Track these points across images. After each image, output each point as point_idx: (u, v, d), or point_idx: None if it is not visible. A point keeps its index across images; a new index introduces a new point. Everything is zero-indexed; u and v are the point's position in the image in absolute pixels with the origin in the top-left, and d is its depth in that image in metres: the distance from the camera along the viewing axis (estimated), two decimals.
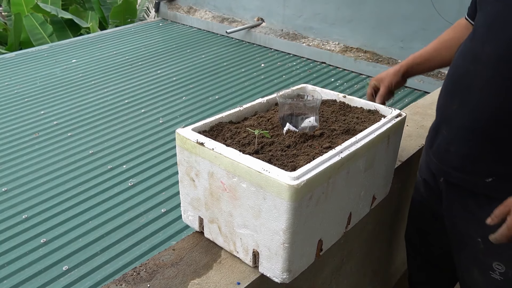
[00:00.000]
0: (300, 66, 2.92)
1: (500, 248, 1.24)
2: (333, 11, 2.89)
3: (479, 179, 1.24)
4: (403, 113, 1.27)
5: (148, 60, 3.02)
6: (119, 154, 1.97)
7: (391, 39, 2.61)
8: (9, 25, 5.35)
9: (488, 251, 1.29)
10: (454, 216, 1.38)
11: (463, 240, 1.37)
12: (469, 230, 1.32)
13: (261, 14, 3.35)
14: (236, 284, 1.05)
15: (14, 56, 3.11)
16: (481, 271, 1.34)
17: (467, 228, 1.33)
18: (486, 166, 1.23)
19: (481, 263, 1.32)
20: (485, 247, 1.29)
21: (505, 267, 1.28)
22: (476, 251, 1.32)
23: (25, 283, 1.33)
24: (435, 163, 1.39)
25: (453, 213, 1.38)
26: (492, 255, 1.29)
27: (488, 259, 1.30)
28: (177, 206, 1.64)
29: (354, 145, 1.07)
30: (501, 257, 1.27)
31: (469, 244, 1.34)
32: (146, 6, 6.09)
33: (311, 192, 0.95)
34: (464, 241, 1.36)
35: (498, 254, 1.28)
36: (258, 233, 1.00)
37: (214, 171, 1.03)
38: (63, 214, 1.60)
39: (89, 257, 1.42)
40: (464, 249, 1.38)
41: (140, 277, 1.07)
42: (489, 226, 1.20)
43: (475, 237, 1.31)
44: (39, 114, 2.31)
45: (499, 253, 1.27)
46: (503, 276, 1.29)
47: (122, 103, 2.42)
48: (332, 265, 1.45)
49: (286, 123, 1.17)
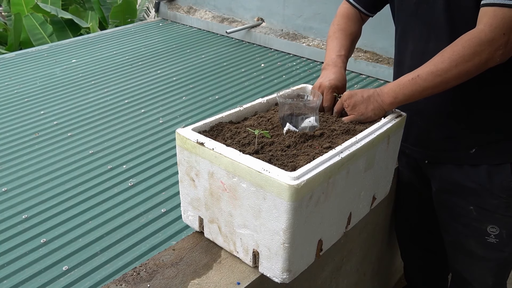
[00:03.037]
0: (300, 66, 2.93)
1: (491, 211, 1.35)
2: (333, 11, 2.88)
3: (463, 152, 1.35)
4: (403, 113, 1.28)
5: (148, 60, 3.02)
6: (119, 154, 1.97)
7: (391, 39, 2.60)
8: (9, 25, 5.35)
9: (480, 216, 1.37)
10: (443, 193, 1.46)
11: (455, 214, 1.44)
12: (460, 202, 1.40)
13: (261, 14, 3.35)
14: (236, 284, 1.05)
15: (14, 56, 3.11)
16: (477, 240, 1.41)
17: (457, 200, 1.41)
18: (468, 139, 1.33)
19: (476, 230, 1.40)
20: (477, 213, 1.37)
21: (498, 228, 1.36)
22: (470, 220, 1.40)
23: (25, 283, 1.33)
24: (417, 151, 1.48)
25: (442, 190, 1.46)
26: (485, 219, 1.37)
27: (482, 224, 1.38)
28: (177, 206, 1.64)
29: (354, 145, 1.07)
30: (494, 219, 1.36)
31: (462, 215, 1.41)
32: (146, 6, 6.09)
33: (311, 192, 0.95)
34: (456, 214, 1.43)
35: (491, 217, 1.36)
36: (258, 233, 1.00)
37: (214, 171, 1.03)
38: (63, 214, 1.60)
39: (89, 257, 1.42)
40: (457, 222, 1.45)
41: (140, 277, 1.07)
42: (479, 193, 1.33)
43: (467, 207, 1.39)
44: (39, 114, 2.31)
45: (491, 216, 1.36)
46: (498, 238, 1.37)
47: (122, 103, 2.42)
48: (332, 265, 1.45)
49: (286, 123, 1.17)
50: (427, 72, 1.13)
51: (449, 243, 1.52)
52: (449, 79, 1.11)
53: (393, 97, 1.18)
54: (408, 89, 1.16)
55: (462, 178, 1.37)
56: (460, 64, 1.08)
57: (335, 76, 1.31)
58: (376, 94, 1.20)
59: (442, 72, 1.10)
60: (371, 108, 1.20)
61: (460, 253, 1.49)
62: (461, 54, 1.08)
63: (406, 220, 1.79)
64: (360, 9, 1.48)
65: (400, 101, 1.19)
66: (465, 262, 1.49)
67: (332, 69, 1.33)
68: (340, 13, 1.49)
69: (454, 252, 1.52)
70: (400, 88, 1.17)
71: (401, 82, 1.17)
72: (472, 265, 1.48)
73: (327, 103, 1.29)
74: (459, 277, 1.56)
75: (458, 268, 1.54)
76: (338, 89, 1.30)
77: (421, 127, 1.40)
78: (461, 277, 1.54)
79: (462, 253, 1.48)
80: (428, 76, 1.12)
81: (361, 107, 1.20)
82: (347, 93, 1.23)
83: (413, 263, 1.90)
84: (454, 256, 1.53)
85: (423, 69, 1.14)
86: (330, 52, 1.40)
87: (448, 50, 1.11)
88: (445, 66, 1.10)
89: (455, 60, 1.09)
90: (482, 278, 1.47)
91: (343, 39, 1.42)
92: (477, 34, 1.07)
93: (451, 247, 1.52)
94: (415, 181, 1.60)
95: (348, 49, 1.42)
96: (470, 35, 1.08)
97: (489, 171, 1.31)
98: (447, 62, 1.10)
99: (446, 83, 1.13)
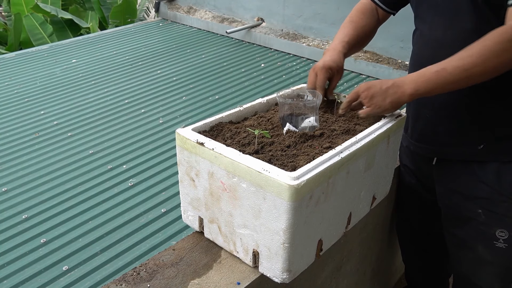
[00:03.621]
0: (300, 66, 2.93)
1: (500, 214, 1.29)
2: (333, 11, 2.90)
3: (472, 148, 1.30)
4: (403, 113, 1.27)
5: (148, 60, 3.02)
6: (119, 154, 1.97)
7: (391, 39, 2.61)
8: (9, 25, 5.34)
9: (489, 220, 1.32)
10: (449, 195, 1.41)
11: (462, 218, 1.39)
12: (467, 205, 1.36)
13: (261, 14, 3.35)
14: (236, 284, 1.05)
15: (14, 56, 3.11)
16: (485, 245, 1.36)
17: (465, 203, 1.36)
18: (476, 134, 1.29)
19: (484, 235, 1.35)
20: (486, 217, 1.32)
21: (508, 232, 1.31)
22: (478, 224, 1.35)
23: (25, 283, 1.33)
24: (423, 147, 1.43)
25: (448, 192, 1.42)
26: (494, 223, 1.32)
27: (491, 228, 1.33)
28: (177, 206, 1.64)
29: (354, 145, 1.07)
30: (503, 222, 1.31)
31: (469, 218, 1.36)
32: (146, 6, 6.09)
33: (311, 192, 0.95)
34: (463, 217, 1.39)
35: (500, 221, 1.31)
36: (258, 233, 1.00)
37: (214, 171, 1.03)
38: (63, 214, 1.60)
39: (89, 257, 1.42)
40: (464, 226, 1.40)
41: (140, 277, 1.07)
42: (487, 194, 1.29)
43: (475, 210, 1.34)
44: (39, 114, 2.31)
45: (500, 219, 1.31)
46: (507, 243, 1.32)
47: (122, 103, 2.42)
48: (332, 265, 1.45)
49: (286, 123, 1.17)
50: (453, 66, 1.08)
51: (454, 246, 1.47)
52: (475, 74, 1.08)
53: (415, 88, 1.13)
54: (432, 82, 1.11)
55: (469, 178, 1.32)
56: (489, 60, 1.05)
57: (330, 58, 1.27)
58: (396, 86, 1.15)
59: (469, 66, 1.07)
60: (389, 101, 1.15)
61: (465, 257, 1.44)
62: (491, 49, 1.05)
63: (407, 220, 1.78)
64: (379, 5, 1.43)
65: (421, 94, 1.14)
66: (471, 266, 1.44)
67: (330, 52, 1.30)
68: (356, 7, 1.45)
69: (460, 256, 1.46)
70: (423, 81, 1.12)
71: (425, 74, 1.12)
72: (478, 269, 1.42)
73: (320, 82, 1.25)
74: (463, 281, 1.51)
75: (463, 272, 1.48)
76: (332, 70, 1.26)
77: (429, 120, 1.35)
78: (466, 281, 1.48)
79: (469, 257, 1.43)
80: (454, 70, 1.08)
81: (379, 99, 1.15)
82: (364, 85, 1.18)
83: (413, 263, 1.89)
84: (459, 260, 1.48)
85: (449, 62, 1.10)
86: (334, 40, 1.37)
87: (477, 44, 1.07)
88: (473, 60, 1.06)
89: (484, 54, 1.05)
90: (488, 284, 1.42)
91: (350, 29, 1.38)
92: (508, 31, 1.04)
93: (456, 250, 1.47)
94: (417, 182, 1.57)
95: (353, 38, 1.37)
96: (501, 31, 1.05)
97: (498, 170, 1.27)
98: (475, 57, 1.06)
99: (471, 78, 1.09)
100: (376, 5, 1.44)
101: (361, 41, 1.43)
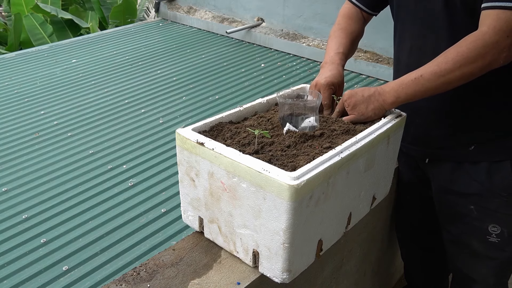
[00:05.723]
0: (300, 66, 2.92)
1: (492, 210, 1.35)
2: (333, 11, 2.89)
3: (463, 150, 1.35)
4: (403, 113, 1.28)
5: (148, 60, 3.02)
6: (119, 154, 1.97)
7: (391, 39, 2.60)
8: (9, 25, 5.35)
9: (481, 215, 1.37)
10: (444, 192, 1.46)
11: (456, 214, 1.44)
12: (460, 201, 1.40)
13: (261, 14, 3.35)
14: (236, 284, 1.05)
15: (14, 56, 3.11)
16: (479, 240, 1.41)
17: (458, 199, 1.41)
18: (467, 136, 1.34)
19: (478, 230, 1.40)
20: (478, 213, 1.38)
21: (500, 227, 1.36)
22: (471, 220, 1.40)
23: (25, 283, 1.33)
24: (416, 149, 1.48)
25: (442, 190, 1.46)
26: (486, 218, 1.37)
27: (483, 223, 1.38)
28: (177, 206, 1.64)
29: (354, 145, 1.07)
30: (495, 218, 1.36)
31: (463, 214, 1.41)
32: (146, 6, 6.09)
33: (311, 192, 0.95)
34: (457, 214, 1.43)
35: (491, 216, 1.36)
36: (258, 233, 1.00)
37: (214, 171, 1.03)
38: (63, 214, 1.60)
39: (89, 257, 1.42)
40: (458, 222, 1.44)
41: (140, 277, 1.07)
42: (479, 191, 1.33)
43: (467, 206, 1.39)
44: (39, 114, 2.31)
45: (492, 215, 1.36)
46: (499, 237, 1.38)
47: (122, 103, 2.42)
48: (332, 265, 1.45)
49: (286, 123, 1.17)
50: (430, 72, 1.12)
51: (450, 242, 1.51)
52: (452, 80, 1.11)
53: (395, 96, 1.18)
54: (411, 89, 1.15)
55: (462, 176, 1.37)
56: (464, 66, 1.08)
57: (331, 73, 1.30)
58: (377, 93, 1.20)
59: (446, 72, 1.10)
60: (371, 108, 1.20)
61: (461, 253, 1.49)
62: (465, 55, 1.08)
63: (406, 220, 1.79)
64: (362, 8, 1.48)
65: (402, 101, 1.18)
66: (466, 261, 1.49)
67: (329, 66, 1.33)
68: (341, 13, 1.50)
69: (455, 251, 1.51)
70: (403, 88, 1.16)
71: (403, 82, 1.17)
72: (473, 264, 1.48)
73: (325, 101, 1.29)
74: (460, 276, 1.56)
75: (459, 267, 1.53)
76: (334, 86, 1.29)
77: (419, 126, 1.40)
78: (462, 276, 1.53)
79: (463, 252, 1.48)
80: (431, 77, 1.12)
81: (362, 107, 1.20)
82: (347, 93, 1.22)
83: (413, 263, 1.90)
84: (455, 255, 1.53)
85: (426, 69, 1.13)
86: (329, 50, 1.40)
87: (452, 51, 1.10)
88: (448, 67, 1.09)
89: (459, 61, 1.08)
90: (483, 277, 1.47)
91: (342, 38, 1.41)
92: (481, 36, 1.06)
93: (452, 246, 1.52)
94: (415, 181, 1.60)
95: (347, 47, 1.41)
96: (475, 37, 1.07)
97: (489, 169, 1.31)
98: (451, 63, 1.09)
99: (448, 84, 1.12)
100: (360, 9, 1.49)
101: (354, 47, 1.48)
